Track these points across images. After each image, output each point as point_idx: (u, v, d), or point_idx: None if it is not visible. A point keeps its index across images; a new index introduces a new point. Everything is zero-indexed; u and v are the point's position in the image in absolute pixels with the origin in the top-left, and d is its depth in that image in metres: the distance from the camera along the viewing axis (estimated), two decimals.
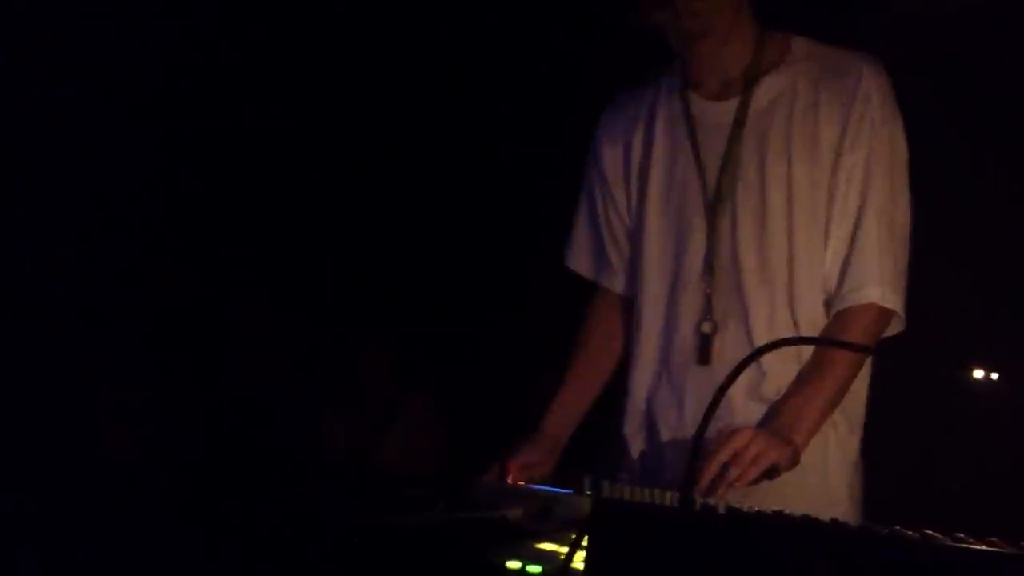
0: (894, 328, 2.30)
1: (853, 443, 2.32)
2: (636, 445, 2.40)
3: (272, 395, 3.90)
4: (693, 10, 2.23)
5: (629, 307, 2.47)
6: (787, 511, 1.68)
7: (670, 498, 1.83)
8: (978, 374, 1.67)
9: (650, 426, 2.39)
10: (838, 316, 2.26)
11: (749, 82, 2.33)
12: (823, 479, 2.25)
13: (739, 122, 2.32)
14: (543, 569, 1.67)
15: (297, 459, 3.26)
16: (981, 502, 2.69)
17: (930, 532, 1.57)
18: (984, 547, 1.48)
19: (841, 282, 2.26)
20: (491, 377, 4.03)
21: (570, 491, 1.98)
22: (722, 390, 1.68)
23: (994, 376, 1.64)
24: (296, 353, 4.00)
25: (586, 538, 1.48)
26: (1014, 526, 1.59)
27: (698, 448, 1.65)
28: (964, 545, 1.49)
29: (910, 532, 1.58)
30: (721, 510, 1.61)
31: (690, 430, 2.23)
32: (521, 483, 2.23)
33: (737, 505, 1.72)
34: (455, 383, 4.11)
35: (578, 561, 1.54)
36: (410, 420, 4.20)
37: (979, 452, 2.76)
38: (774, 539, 1.52)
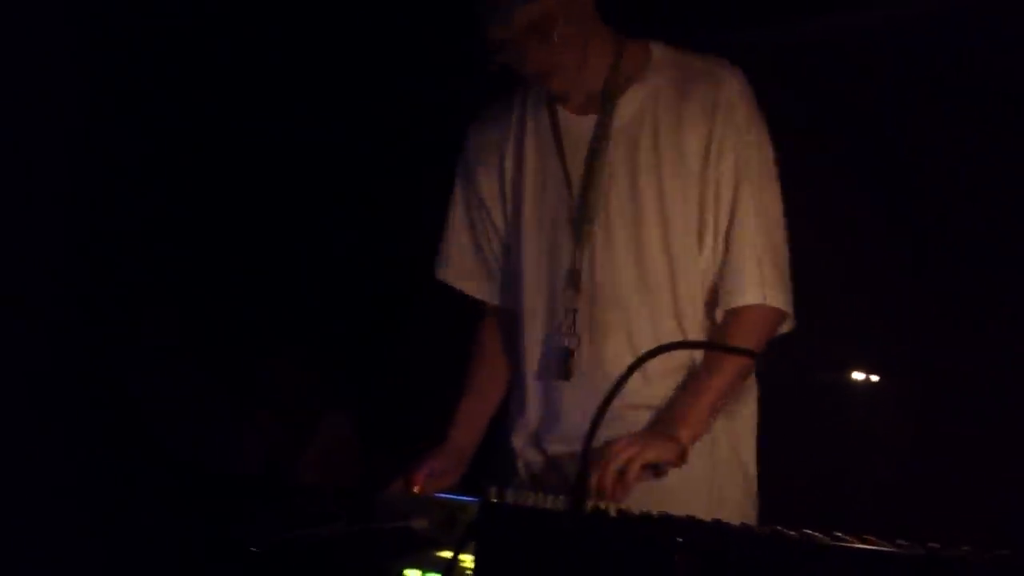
0: (785, 326, 2.35)
1: (747, 443, 2.37)
2: (525, 457, 2.44)
3: (183, 409, 3.89)
4: (533, 51, 2.24)
5: (514, 319, 2.48)
6: (675, 513, 1.74)
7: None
8: (858, 376, 1.74)
9: (536, 438, 2.42)
10: (725, 318, 2.30)
11: (609, 95, 2.34)
12: (711, 481, 2.30)
13: (602, 136, 2.34)
14: None
15: (208, 474, 3.25)
16: (862, 501, 2.77)
17: (809, 532, 1.63)
18: (862, 545, 1.53)
19: (723, 286, 2.30)
20: (408, 392, 4.05)
21: (475, 499, 1.99)
22: (606, 401, 1.73)
23: (874, 378, 1.71)
24: (209, 368, 4.00)
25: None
26: (893, 525, 1.66)
27: (587, 454, 1.69)
28: (842, 544, 1.54)
29: (791, 532, 1.63)
30: (612, 513, 1.65)
31: (572, 442, 2.23)
32: (426, 492, 2.27)
33: (626, 508, 1.77)
34: (371, 399, 4.13)
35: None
36: (327, 436, 4.21)
37: (860, 452, 2.84)
38: (659, 540, 1.57)
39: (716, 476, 2.32)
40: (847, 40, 3.09)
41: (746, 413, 2.39)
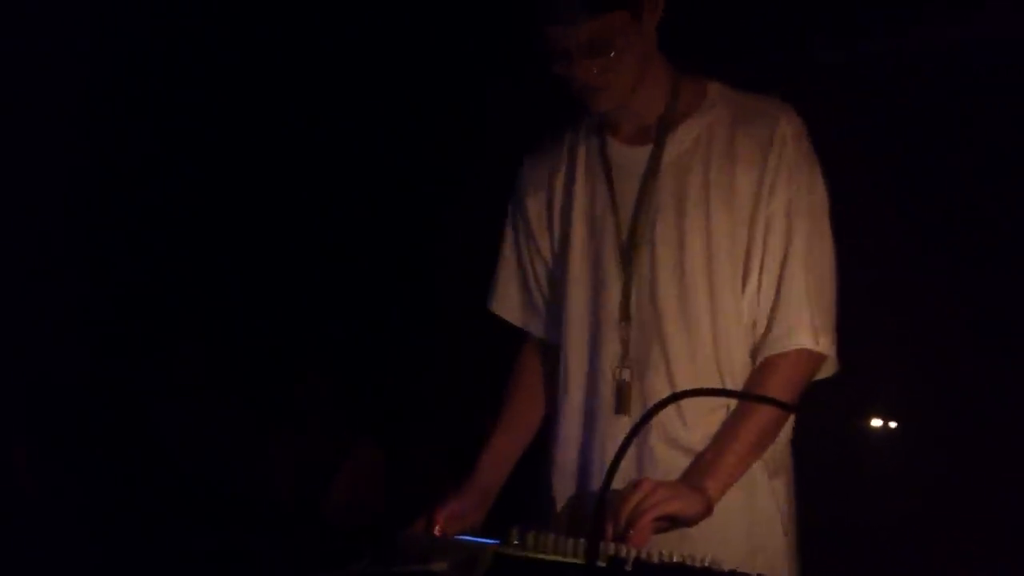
0: (826, 371, 2.30)
1: (779, 488, 2.31)
2: (565, 495, 2.39)
3: (211, 436, 3.89)
4: (586, 66, 2.22)
5: (556, 354, 2.45)
6: (699, 561, 1.71)
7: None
8: (876, 423, 1.71)
9: (579, 476, 2.38)
10: (765, 362, 2.26)
11: (664, 129, 2.33)
12: (750, 526, 2.25)
13: (653, 169, 2.32)
14: None
15: (237, 507, 3.25)
16: (886, 547, 2.72)
17: None
18: None
19: (769, 328, 2.26)
20: (440, 424, 4.03)
21: (497, 542, 1.96)
22: (629, 438, 1.69)
23: (892, 425, 1.68)
24: (239, 399, 3.99)
25: None
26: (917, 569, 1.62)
27: (603, 498, 1.66)
28: None
29: None
30: (628, 565, 1.62)
31: (619, 481, 2.13)
32: (448, 534, 2.24)
33: (645, 557, 1.73)
34: (402, 432, 4.11)
35: None
36: (356, 466, 4.19)
37: (881, 498, 2.81)
38: None
39: (753, 524, 2.27)
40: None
41: (778, 454, 2.33)
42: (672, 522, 2.10)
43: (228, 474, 3.76)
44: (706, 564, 1.79)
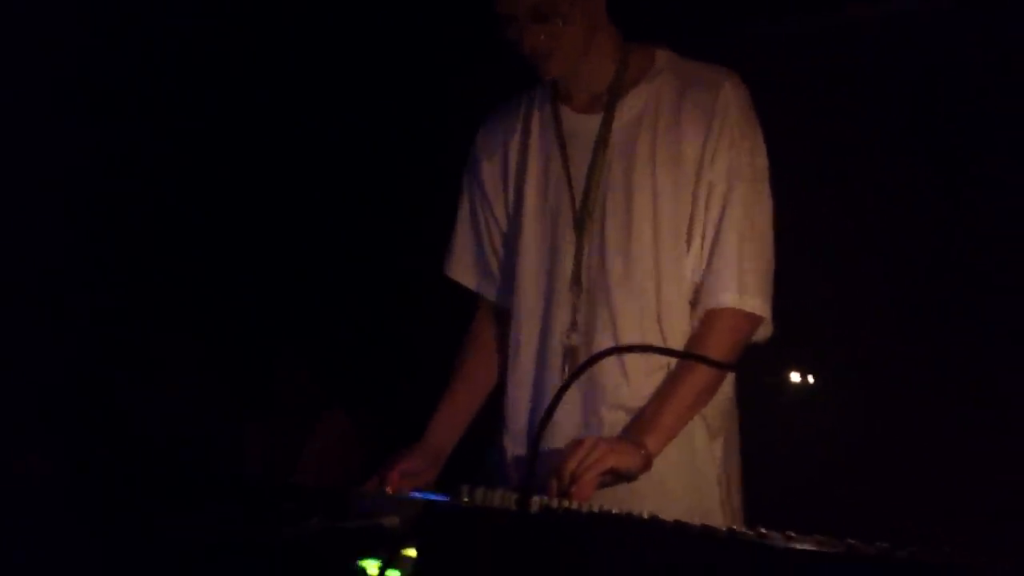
0: (763, 333, 2.37)
1: (717, 449, 2.37)
2: (516, 456, 2.45)
3: (188, 412, 3.93)
4: (533, 32, 2.28)
5: (509, 318, 2.50)
6: (629, 512, 1.76)
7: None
8: (795, 377, 1.75)
9: (526, 437, 2.42)
10: (701, 322, 2.33)
11: (613, 96, 2.39)
12: (689, 484, 2.32)
13: (604, 136, 2.38)
14: (402, 574, 1.74)
15: (211, 476, 3.29)
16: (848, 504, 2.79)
17: (765, 532, 1.65)
18: (808, 547, 1.54)
19: (702, 286, 2.32)
20: (409, 389, 4.08)
21: (447, 498, 2.02)
22: (558, 395, 1.75)
23: (811, 379, 1.72)
24: (211, 371, 4.04)
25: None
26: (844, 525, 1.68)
27: (536, 448, 1.71)
28: (790, 546, 1.56)
29: (748, 533, 1.65)
30: (558, 512, 1.67)
31: (563, 440, 2.27)
32: (400, 492, 2.29)
33: (576, 507, 1.79)
34: (371, 398, 4.16)
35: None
36: (326, 435, 4.25)
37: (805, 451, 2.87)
38: (608, 538, 1.60)
39: (692, 482, 2.33)
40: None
41: (717, 414, 2.39)
42: (614, 476, 2.16)
43: (198, 443, 3.81)
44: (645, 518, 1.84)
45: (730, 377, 2.39)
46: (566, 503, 1.93)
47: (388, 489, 2.29)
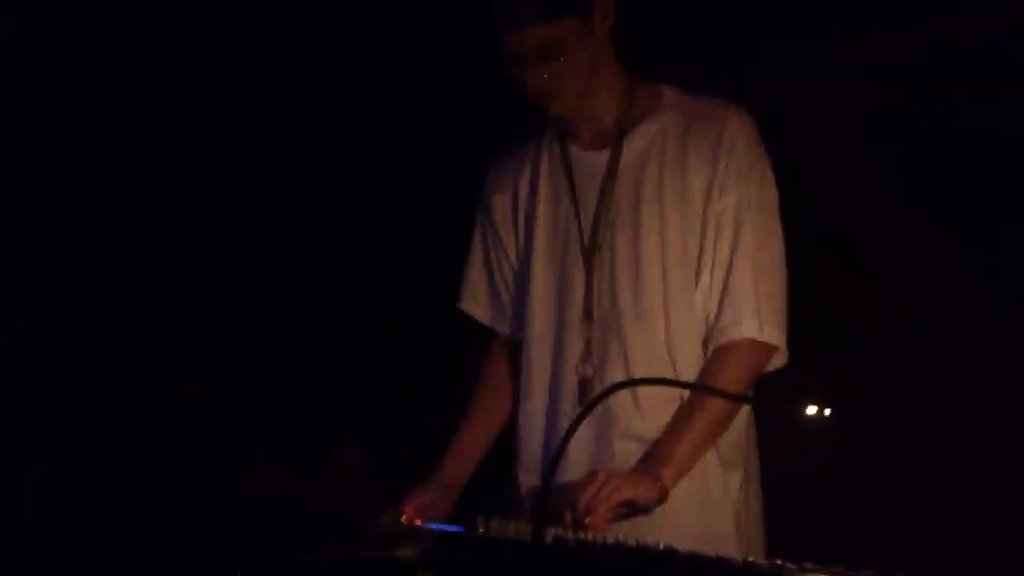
0: (776, 363, 2.37)
1: (732, 481, 2.37)
2: (530, 488, 2.45)
3: (202, 441, 3.94)
4: (539, 70, 2.30)
5: (520, 351, 2.51)
6: (644, 544, 1.77)
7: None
8: (811, 411, 1.77)
9: (542, 468, 2.42)
10: (714, 354, 2.33)
11: (620, 133, 2.41)
12: (702, 516, 2.31)
13: (611, 172, 2.40)
14: None
15: (228, 503, 3.30)
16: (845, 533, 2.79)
17: (780, 563, 1.66)
18: None
19: (718, 319, 2.33)
20: (423, 422, 4.08)
21: (462, 529, 2.02)
22: (573, 427, 1.76)
23: (827, 412, 1.73)
24: (223, 397, 4.04)
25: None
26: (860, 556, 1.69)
27: (549, 480, 1.73)
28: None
29: (763, 563, 1.66)
30: (572, 543, 1.68)
31: (577, 472, 2.26)
32: (415, 523, 2.31)
33: (590, 538, 1.80)
34: (385, 431, 4.16)
35: None
36: (340, 466, 4.25)
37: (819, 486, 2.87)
38: (622, 569, 1.61)
39: (705, 514, 2.32)
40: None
41: (732, 446, 2.38)
42: (629, 508, 2.17)
43: (211, 469, 3.81)
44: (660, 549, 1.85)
45: (746, 409, 2.39)
46: (581, 534, 1.94)
47: (403, 520, 2.30)
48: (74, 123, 3.57)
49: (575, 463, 2.30)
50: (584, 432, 2.32)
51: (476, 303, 2.61)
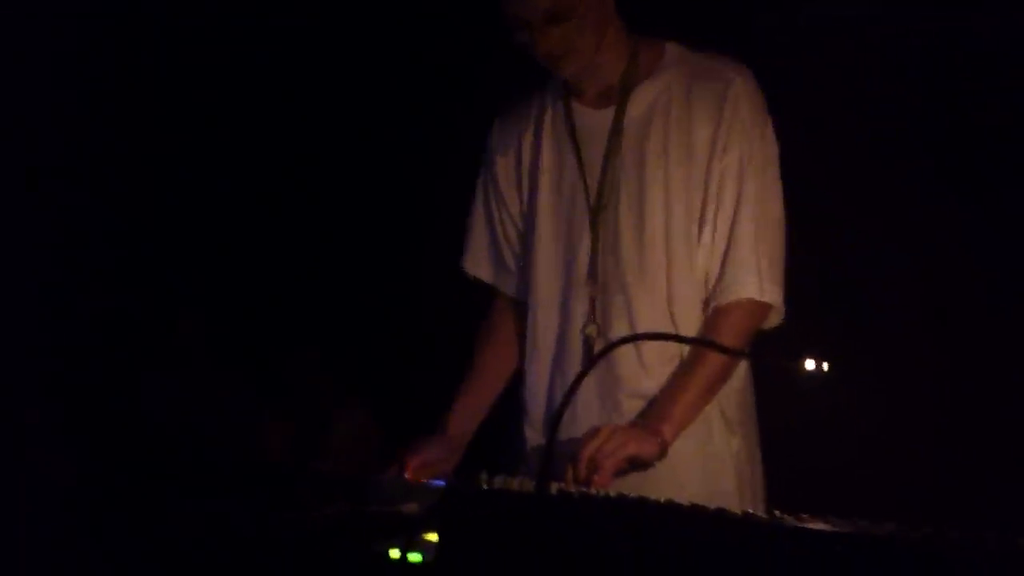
0: (773, 320, 2.39)
1: (734, 437, 2.39)
2: (535, 444, 2.48)
3: (211, 406, 3.97)
4: (548, 34, 2.31)
5: (525, 310, 2.53)
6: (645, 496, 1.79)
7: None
8: (809, 365, 1.78)
9: (546, 427, 2.45)
10: (714, 312, 2.35)
11: (624, 91, 2.42)
12: (704, 473, 2.35)
13: (616, 130, 2.41)
14: (423, 558, 1.78)
15: (232, 464, 3.33)
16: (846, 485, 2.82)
17: (780, 515, 1.68)
18: (827, 527, 1.58)
19: (720, 278, 2.35)
20: (429, 379, 4.10)
21: (466, 484, 2.07)
22: (577, 380, 1.78)
23: (824, 367, 1.75)
24: (232, 365, 4.08)
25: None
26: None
27: (554, 435, 1.74)
28: (809, 526, 1.59)
29: (762, 516, 1.68)
30: (576, 496, 1.71)
31: (582, 429, 2.27)
32: (419, 479, 2.33)
33: (592, 492, 1.82)
34: (389, 389, 4.19)
35: None
36: (345, 427, 4.28)
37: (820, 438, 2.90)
38: (625, 521, 1.63)
39: (706, 470, 2.36)
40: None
41: (733, 404, 2.41)
42: (630, 463, 2.19)
43: (223, 443, 3.84)
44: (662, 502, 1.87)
45: (746, 365, 2.42)
46: (584, 489, 1.96)
47: (407, 476, 2.32)
48: (95, 112, 3.59)
49: (581, 421, 2.31)
50: (590, 393, 2.34)
51: (480, 263, 2.62)
